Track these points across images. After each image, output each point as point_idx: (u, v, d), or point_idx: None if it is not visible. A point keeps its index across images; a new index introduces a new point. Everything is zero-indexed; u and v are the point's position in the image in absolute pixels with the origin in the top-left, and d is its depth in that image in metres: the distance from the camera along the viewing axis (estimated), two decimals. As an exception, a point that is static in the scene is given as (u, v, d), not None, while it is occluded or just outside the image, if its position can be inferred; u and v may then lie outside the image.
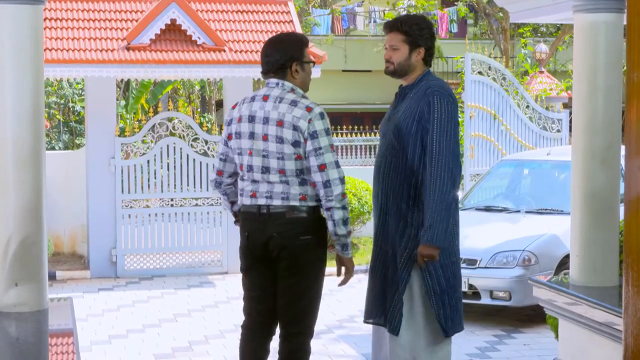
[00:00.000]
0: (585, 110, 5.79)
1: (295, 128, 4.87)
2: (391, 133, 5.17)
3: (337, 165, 4.91)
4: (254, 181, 4.99)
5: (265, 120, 4.95)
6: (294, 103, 4.93)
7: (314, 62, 5.14)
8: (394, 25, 5.24)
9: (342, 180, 4.90)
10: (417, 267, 5.08)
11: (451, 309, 5.12)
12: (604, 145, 5.75)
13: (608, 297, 5.39)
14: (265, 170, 4.95)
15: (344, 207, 4.91)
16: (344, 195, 4.91)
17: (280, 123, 4.91)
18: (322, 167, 4.86)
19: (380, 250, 5.24)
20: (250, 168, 5.01)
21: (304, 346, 5.16)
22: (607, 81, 5.74)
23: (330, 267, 11.50)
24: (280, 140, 4.90)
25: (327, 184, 4.87)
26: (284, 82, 5.01)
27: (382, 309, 5.22)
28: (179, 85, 23.86)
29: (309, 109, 4.90)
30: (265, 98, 5.00)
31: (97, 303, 10.21)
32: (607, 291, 5.58)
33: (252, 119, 4.99)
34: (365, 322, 5.41)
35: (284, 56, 5.01)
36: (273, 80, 5.04)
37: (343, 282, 5.17)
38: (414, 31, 5.18)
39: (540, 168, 10.78)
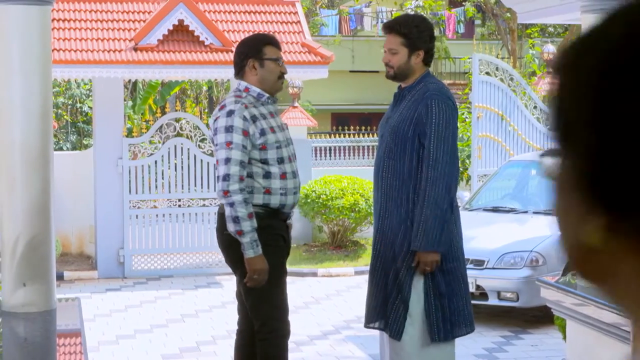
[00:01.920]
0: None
1: (209, 126, 4.95)
2: (389, 136, 5.12)
3: (227, 162, 4.86)
4: None
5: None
6: (221, 102, 5.05)
7: (277, 61, 5.11)
8: (393, 28, 5.12)
9: (225, 177, 4.85)
10: (419, 271, 5.06)
11: (452, 313, 5.10)
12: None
13: (616, 298, 5.38)
14: (215, 166, 5.16)
15: (230, 204, 4.83)
16: (225, 192, 4.84)
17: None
18: (216, 163, 4.95)
19: (380, 254, 5.17)
20: None
21: (264, 345, 5.11)
22: (615, 82, 5.72)
23: (339, 268, 11.54)
24: (210, 138, 5.10)
25: (217, 179, 4.94)
26: (241, 82, 5.11)
27: (382, 313, 5.18)
28: (186, 86, 23.87)
29: (221, 107, 4.97)
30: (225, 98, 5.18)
31: (105, 303, 10.22)
32: (615, 292, 5.56)
33: None
34: (366, 327, 5.39)
35: (240, 55, 5.10)
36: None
37: (246, 281, 4.95)
38: (413, 34, 5.07)
39: (548, 169, 10.75)
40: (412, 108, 5.04)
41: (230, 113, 4.91)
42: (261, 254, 4.91)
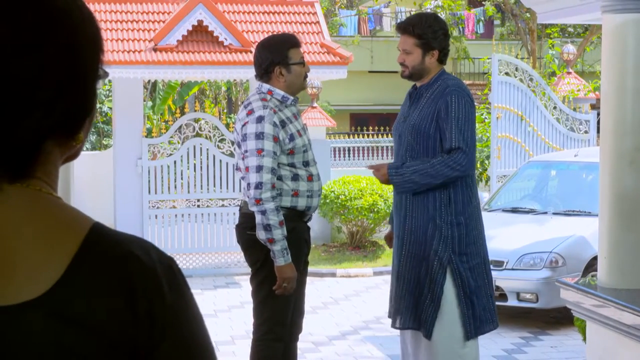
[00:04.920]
0: (614, 112, 5.75)
1: (235, 130, 5.03)
2: (408, 134, 5.12)
3: (258, 169, 4.84)
4: None
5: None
6: (247, 106, 5.01)
7: (303, 63, 5.10)
8: (406, 29, 5.13)
9: (257, 185, 4.83)
10: (450, 269, 5.06)
11: (480, 309, 5.11)
12: (633, 146, 5.71)
13: (636, 299, 5.35)
14: (237, 167, 5.15)
15: (262, 212, 4.82)
16: (258, 200, 4.82)
17: (233, 125, 5.09)
18: (246, 170, 4.91)
19: (409, 253, 5.16)
20: None
21: (257, 345, 5.13)
22: (636, 82, 5.70)
23: (358, 268, 11.49)
24: (233, 141, 5.07)
25: (247, 187, 4.91)
26: (262, 85, 5.06)
27: (415, 312, 5.16)
28: (205, 86, 23.93)
29: (249, 112, 4.93)
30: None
31: (124, 303, 10.24)
32: (635, 293, 5.54)
33: None
34: (393, 327, 5.36)
35: (265, 61, 5.02)
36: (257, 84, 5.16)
37: (276, 288, 4.93)
38: (427, 34, 5.09)
39: (568, 169, 10.72)
40: (432, 105, 5.05)
41: (260, 119, 4.88)
42: (291, 262, 4.90)
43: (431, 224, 5.06)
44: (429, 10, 22.98)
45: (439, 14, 21.43)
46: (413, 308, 5.15)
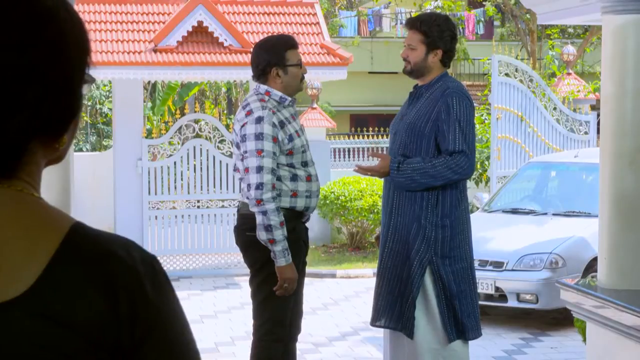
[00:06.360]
0: (614, 112, 5.75)
1: (234, 131, 5.04)
2: (404, 132, 5.12)
3: (259, 170, 4.85)
4: None
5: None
6: (245, 107, 5.02)
7: (300, 65, 5.10)
8: (414, 24, 5.15)
9: (258, 186, 4.83)
10: (430, 271, 5.04)
11: (462, 314, 5.07)
12: (633, 147, 5.71)
13: (636, 300, 5.35)
14: (235, 168, 5.16)
15: (263, 213, 4.82)
16: (258, 201, 4.82)
17: (232, 125, 5.14)
18: (246, 170, 4.91)
19: (391, 251, 5.14)
20: None
21: (258, 346, 5.14)
22: (636, 83, 5.69)
23: (358, 269, 11.49)
24: (232, 141, 5.07)
25: (248, 187, 4.91)
26: (260, 86, 5.06)
27: (396, 312, 5.13)
28: (205, 87, 23.92)
29: (248, 113, 4.94)
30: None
31: (124, 304, 10.24)
32: (635, 294, 5.53)
33: None
34: (372, 325, 5.36)
35: (262, 62, 5.03)
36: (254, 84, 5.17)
37: (277, 289, 4.95)
38: (433, 32, 5.08)
39: (568, 170, 10.72)
40: (431, 105, 5.04)
41: (259, 120, 4.88)
42: (292, 263, 4.91)
43: (416, 223, 5.03)
44: (429, 11, 22.97)
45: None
46: (392, 307, 5.12)
